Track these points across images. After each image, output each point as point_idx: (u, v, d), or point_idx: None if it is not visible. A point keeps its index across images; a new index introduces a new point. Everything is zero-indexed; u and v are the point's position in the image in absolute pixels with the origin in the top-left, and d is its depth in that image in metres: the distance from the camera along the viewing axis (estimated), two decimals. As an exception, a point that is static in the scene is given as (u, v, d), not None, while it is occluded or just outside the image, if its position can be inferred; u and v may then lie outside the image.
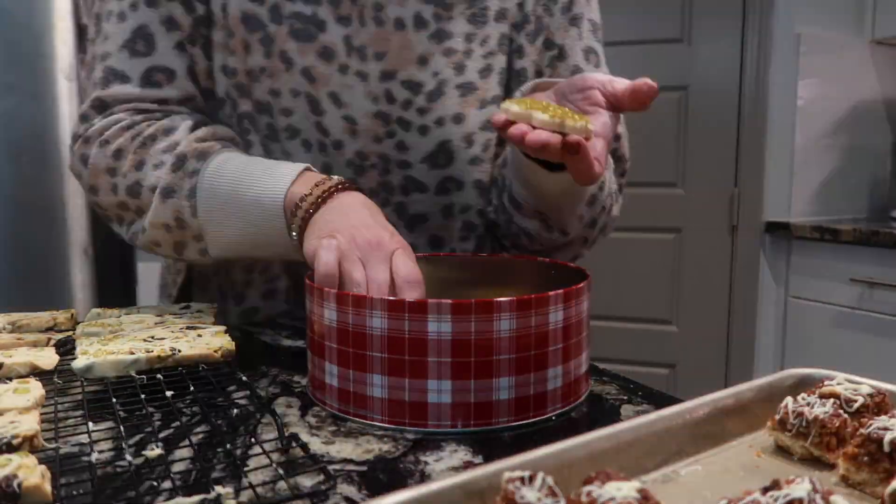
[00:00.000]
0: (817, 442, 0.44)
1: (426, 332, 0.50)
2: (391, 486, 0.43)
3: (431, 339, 0.50)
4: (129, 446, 0.47)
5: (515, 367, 0.52)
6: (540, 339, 0.52)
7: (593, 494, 0.34)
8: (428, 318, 0.50)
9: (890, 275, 1.96)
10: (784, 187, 2.28)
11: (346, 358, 0.53)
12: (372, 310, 0.51)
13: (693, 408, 0.46)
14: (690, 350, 2.36)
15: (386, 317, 0.51)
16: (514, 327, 0.51)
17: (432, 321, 0.50)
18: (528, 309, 0.51)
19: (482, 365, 0.51)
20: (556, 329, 0.53)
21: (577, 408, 0.57)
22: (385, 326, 0.51)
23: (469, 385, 0.51)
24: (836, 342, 2.12)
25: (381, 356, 0.51)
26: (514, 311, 0.51)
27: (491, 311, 0.50)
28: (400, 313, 0.50)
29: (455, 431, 0.51)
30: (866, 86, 2.39)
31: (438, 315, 0.50)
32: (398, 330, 0.51)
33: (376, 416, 0.52)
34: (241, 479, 0.42)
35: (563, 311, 0.53)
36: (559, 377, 0.54)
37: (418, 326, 0.50)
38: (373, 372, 0.52)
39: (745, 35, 2.25)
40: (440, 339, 0.50)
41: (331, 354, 0.54)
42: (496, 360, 0.51)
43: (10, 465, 0.39)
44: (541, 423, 0.54)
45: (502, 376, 0.51)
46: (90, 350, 0.60)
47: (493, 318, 0.50)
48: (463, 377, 0.51)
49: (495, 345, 0.51)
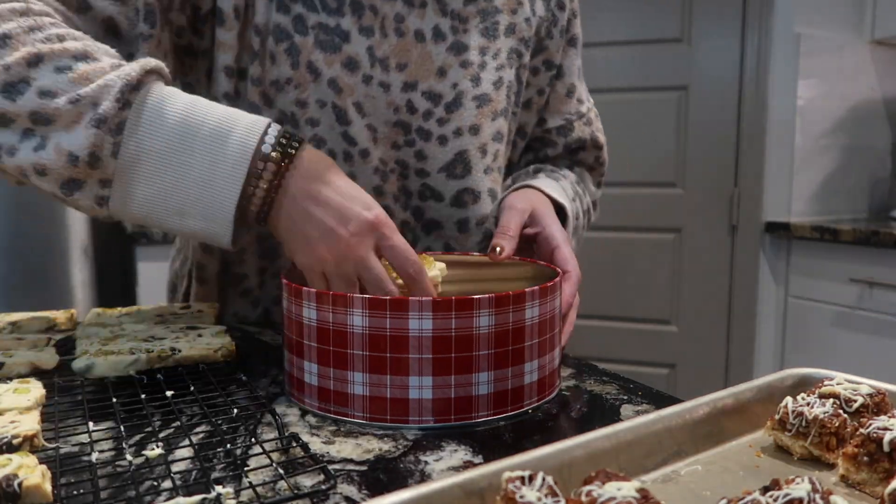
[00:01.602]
0: (817, 442, 0.44)
1: (407, 329, 0.51)
2: (391, 486, 0.43)
3: (413, 335, 0.51)
4: (130, 446, 0.47)
5: (494, 362, 0.53)
6: (517, 334, 0.54)
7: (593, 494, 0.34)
8: (409, 316, 0.51)
9: (890, 275, 1.96)
10: (784, 187, 2.28)
11: (326, 356, 0.53)
12: (353, 308, 0.52)
13: (693, 408, 0.46)
14: (690, 350, 2.36)
15: (367, 315, 0.51)
16: (492, 323, 0.52)
17: (413, 318, 0.51)
18: (506, 305, 0.53)
19: (462, 360, 0.52)
20: (532, 324, 0.55)
21: (551, 401, 0.58)
22: (366, 324, 0.51)
23: (450, 381, 0.52)
24: (835, 342, 2.12)
25: (363, 354, 0.52)
26: (493, 308, 0.52)
27: (471, 308, 0.51)
28: (381, 311, 0.51)
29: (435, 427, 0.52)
30: (866, 86, 2.39)
31: (419, 312, 0.51)
32: (379, 327, 0.51)
33: (357, 413, 0.53)
34: (242, 479, 0.43)
35: (538, 307, 0.55)
36: (535, 371, 0.56)
37: (399, 324, 0.51)
38: (354, 370, 0.52)
39: (745, 35, 2.25)
40: (421, 335, 0.51)
41: (310, 353, 0.54)
42: (476, 355, 0.52)
43: (11, 465, 0.39)
44: (519, 416, 0.55)
45: (482, 371, 0.53)
46: (90, 350, 0.60)
47: (473, 314, 0.51)
48: (444, 373, 0.52)
49: (475, 340, 0.52)
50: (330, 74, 0.77)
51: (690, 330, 2.36)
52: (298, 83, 0.76)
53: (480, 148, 0.84)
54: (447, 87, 0.81)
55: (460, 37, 0.82)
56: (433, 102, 0.81)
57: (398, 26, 0.79)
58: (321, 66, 0.76)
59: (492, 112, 0.84)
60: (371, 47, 0.78)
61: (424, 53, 0.80)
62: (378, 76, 0.79)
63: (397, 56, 0.79)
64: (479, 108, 0.83)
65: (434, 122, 0.81)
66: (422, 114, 0.81)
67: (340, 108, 0.78)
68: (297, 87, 0.76)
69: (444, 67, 0.81)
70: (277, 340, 0.76)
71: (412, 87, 0.80)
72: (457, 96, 0.82)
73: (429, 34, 0.80)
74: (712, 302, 2.34)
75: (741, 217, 2.30)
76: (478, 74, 0.83)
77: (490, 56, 0.83)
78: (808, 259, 2.20)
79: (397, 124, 0.80)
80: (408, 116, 0.81)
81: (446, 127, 0.82)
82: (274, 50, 0.76)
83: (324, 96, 0.77)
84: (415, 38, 0.80)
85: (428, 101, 0.81)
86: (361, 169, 0.80)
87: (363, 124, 0.79)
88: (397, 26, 0.79)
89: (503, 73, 0.85)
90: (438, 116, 0.81)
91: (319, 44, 0.76)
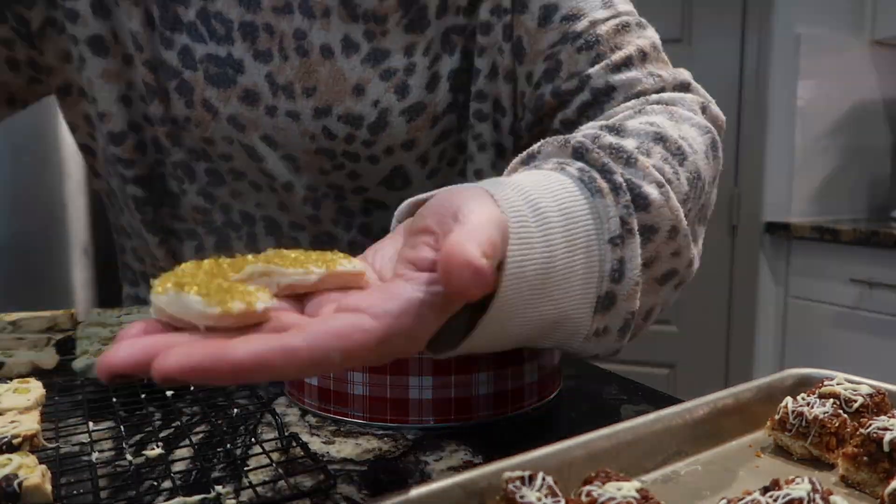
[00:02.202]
0: (817, 442, 0.44)
1: None
2: (391, 486, 0.43)
3: None
4: (130, 446, 0.47)
5: (494, 362, 0.53)
6: None
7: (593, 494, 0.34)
8: None
9: (890, 275, 1.96)
10: (784, 187, 2.28)
11: None
12: None
13: (693, 408, 0.46)
14: (690, 350, 2.36)
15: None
16: None
17: None
18: None
19: (462, 360, 0.52)
20: None
21: (551, 401, 0.58)
22: None
23: (450, 381, 0.52)
24: (835, 342, 2.12)
25: None
26: None
27: None
28: None
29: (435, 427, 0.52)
30: (866, 86, 2.39)
31: None
32: None
33: (357, 413, 0.53)
34: (242, 479, 0.43)
35: None
36: (535, 371, 0.55)
37: None
38: (354, 370, 0.52)
39: (745, 35, 2.25)
40: None
41: None
42: (476, 355, 0.52)
43: (11, 465, 0.39)
44: (519, 416, 0.55)
45: (482, 371, 0.52)
46: (90, 350, 0.60)
47: None
48: (444, 373, 0.52)
49: None
50: (228, 111, 0.68)
51: (690, 330, 2.36)
52: (198, 122, 0.69)
53: (420, 158, 0.72)
54: (367, 106, 0.68)
55: (378, 42, 0.68)
56: (353, 126, 0.69)
57: (299, 44, 0.67)
58: (216, 102, 0.68)
59: (429, 118, 0.70)
60: (270, 73, 0.67)
61: (335, 71, 0.68)
62: (283, 105, 0.68)
63: (302, 79, 0.68)
64: (411, 121, 0.69)
65: (359, 144, 0.69)
66: (343, 138, 0.69)
67: (248, 146, 0.69)
68: (197, 126, 0.69)
69: (361, 83, 0.68)
70: (277, 340, 0.76)
71: (325, 112, 0.68)
72: (380, 115, 0.69)
73: (337, 48, 0.67)
74: (712, 302, 2.34)
75: (741, 217, 2.30)
76: (404, 82, 0.69)
77: (420, 53, 0.69)
78: (808, 259, 2.20)
79: (319, 151, 0.69)
80: (328, 143, 0.69)
81: (374, 147, 0.70)
82: (167, 87, 0.68)
83: (228, 133, 0.69)
84: (321, 54, 0.67)
85: (346, 124, 0.69)
86: (290, 201, 0.72)
87: (277, 157, 0.70)
88: (298, 44, 0.67)
89: (440, 65, 0.70)
90: (363, 139, 0.69)
91: (210, 79, 0.67)
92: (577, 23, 0.65)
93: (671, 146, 0.50)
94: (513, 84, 0.70)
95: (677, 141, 0.51)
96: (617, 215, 0.42)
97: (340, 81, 0.68)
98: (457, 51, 0.70)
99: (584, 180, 0.43)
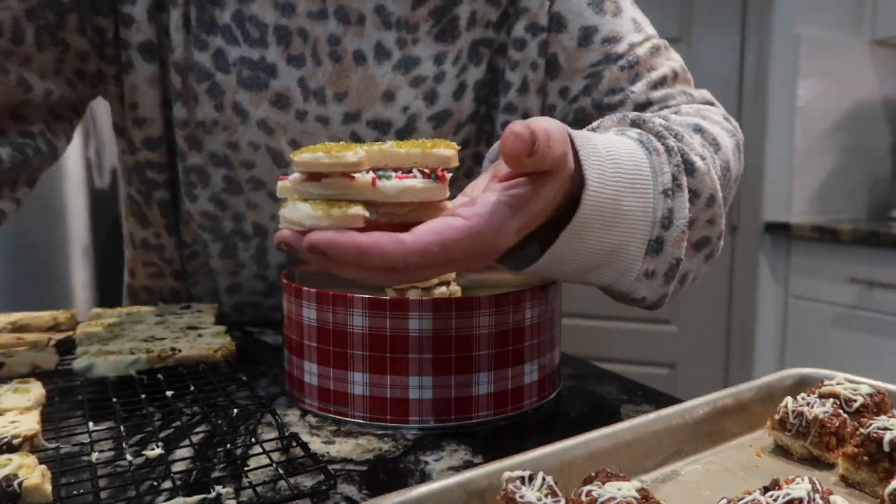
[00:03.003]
0: (817, 442, 0.44)
1: (407, 329, 0.51)
2: (391, 485, 0.43)
3: (413, 335, 0.51)
4: (130, 446, 0.47)
5: (494, 362, 0.53)
6: (517, 334, 0.54)
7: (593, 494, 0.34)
8: (409, 316, 0.51)
9: (890, 275, 1.96)
10: (784, 187, 2.28)
11: (326, 356, 0.53)
12: (353, 308, 0.52)
13: (693, 408, 0.46)
14: (690, 350, 2.36)
15: (367, 315, 0.51)
16: (492, 323, 0.52)
17: (413, 318, 0.51)
18: (506, 305, 0.53)
19: (462, 360, 0.52)
20: (532, 324, 0.55)
21: (551, 401, 0.58)
22: (366, 324, 0.51)
23: (450, 381, 0.52)
24: (835, 342, 2.12)
25: (363, 354, 0.52)
26: (493, 308, 0.52)
27: (471, 308, 0.51)
28: (381, 311, 0.51)
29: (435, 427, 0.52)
30: (866, 86, 2.39)
31: (419, 312, 0.51)
32: (379, 327, 0.51)
33: (357, 413, 0.53)
34: (242, 479, 0.43)
35: (538, 306, 0.55)
36: (535, 371, 0.56)
37: (399, 324, 0.51)
38: (354, 370, 0.52)
39: (745, 35, 2.25)
40: (421, 335, 0.51)
41: (310, 353, 0.54)
42: (476, 355, 0.52)
43: (11, 465, 0.39)
44: (519, 416, 0.55)
45: (482, 371, 0.53)
46: (90, 350, 0.60)
47: (473, 314, 0.51)
48: (443, 373, 0.52)
49: (475, 340, 0.52)
50: (259, 115, 0.69)
51: (690, 330, 2.36)
52: (226, 125, 0.70)
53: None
54: (396, 112, 0.71)
55: (409, 50, 0.71)
56: (381, 131, 0.71)
57: (333, 50, 0.69)
58: (247, 106, 0.69)
59: (454, 126, 0.73)
60: (303, 79, 0.69)
61: (366, 77, 0.70)
62: (314, 110, 0.70)
63: (334, 85, 0.70)
64: (437, 127, 0.72)
65: None
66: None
67: (275, 150, 0.71)
68: (225, 130, 0.70)
69: (392, 90, 0.71)
70: (277, 340, 0.76)
71: (354, 117, 0.71)
72: (409, 121, 0.71)
73: (370, 54, 0.70)
74: (712, 302, 2.34)
75: (741, 217, 2.30)
76: (433, 90, 0.72)
77: (449, 63, 0.72)
78: (808, 259, 2.20)
79: None
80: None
81: None
82: (196, 90, 0.69)
83: (256, 138, 0.70)
84: (354, 60, 0.70)
85: (374, 129, 0.71)
86: None
87: None
88: (332, 50, 0.69)
89: (467, 74, 0.73)
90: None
91: (243, 82, 0.69)
92: (617, 45, 0.70)
93: (708, 137, 0.58)
94: (542, 98, 0.74)
95: (713, 133, 0.59)
96: (669, 171, 0.49)
97: (371, 87, 0.70)
98: (483, 62, 0.73)
99: (642, 141, 0.50)
